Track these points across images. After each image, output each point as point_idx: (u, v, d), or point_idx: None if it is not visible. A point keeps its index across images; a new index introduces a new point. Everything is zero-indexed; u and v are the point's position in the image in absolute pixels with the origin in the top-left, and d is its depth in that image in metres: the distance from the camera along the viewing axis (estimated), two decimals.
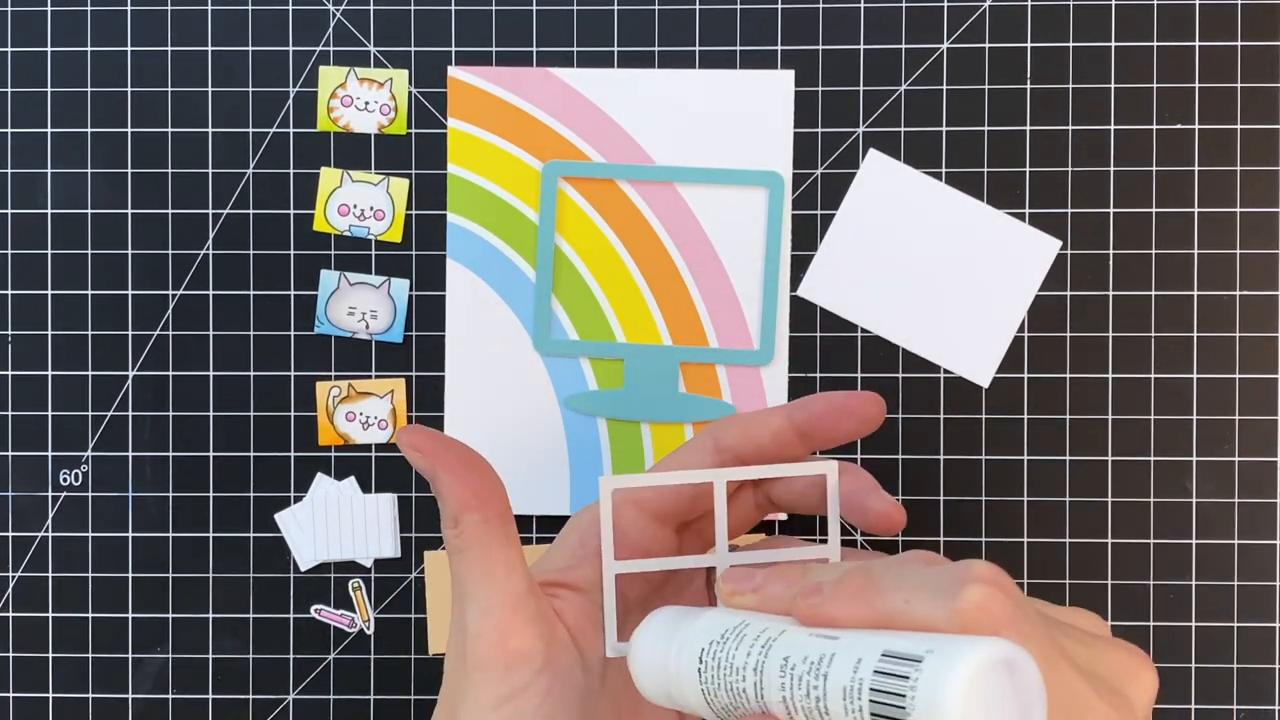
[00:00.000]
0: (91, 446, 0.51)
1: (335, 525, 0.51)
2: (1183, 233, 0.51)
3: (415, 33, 0.51)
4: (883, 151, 0.51)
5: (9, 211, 0.52)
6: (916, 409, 0.51)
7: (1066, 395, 0.51)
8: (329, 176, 0.51)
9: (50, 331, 0.52)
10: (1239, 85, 0.51)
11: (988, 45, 0.51)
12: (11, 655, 0.51)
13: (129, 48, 0.52)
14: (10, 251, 0.52)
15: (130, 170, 0.51)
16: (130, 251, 0.51)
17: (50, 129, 0.52)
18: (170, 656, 0.51)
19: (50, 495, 0.52)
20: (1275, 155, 0.51)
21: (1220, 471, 0.51)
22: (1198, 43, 0.51)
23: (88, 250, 0.52)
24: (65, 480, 0.52)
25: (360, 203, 0.51)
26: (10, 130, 0.52)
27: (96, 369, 0.51)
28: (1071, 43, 0.51)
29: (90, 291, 0.52)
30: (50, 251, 0.52)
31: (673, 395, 0.51)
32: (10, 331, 0.52)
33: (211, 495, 0.51)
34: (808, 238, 0.51)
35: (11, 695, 0.51)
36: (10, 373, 0.52)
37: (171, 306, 0.51)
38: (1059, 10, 0.51)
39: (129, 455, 0.51)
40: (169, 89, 0.51)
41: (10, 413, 0.52)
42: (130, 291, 0.51)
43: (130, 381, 0.51)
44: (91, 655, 0.51)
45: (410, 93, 0.51)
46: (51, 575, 0.51)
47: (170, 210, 0.51)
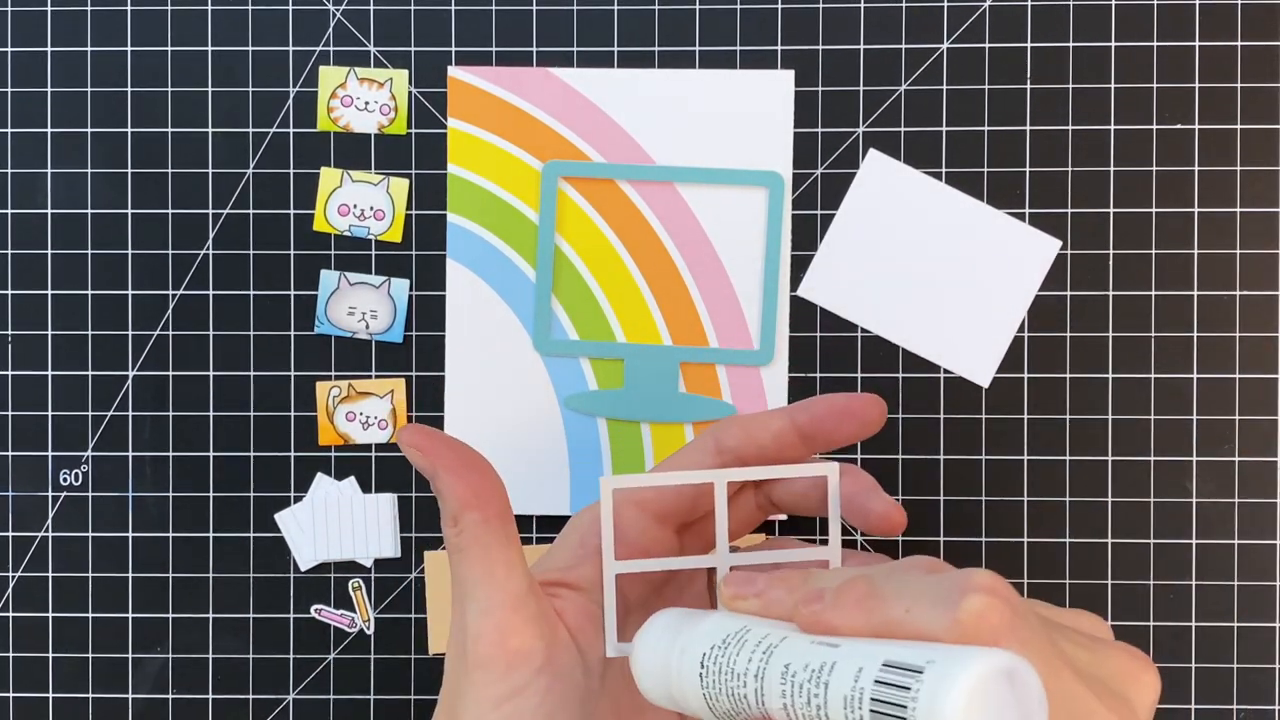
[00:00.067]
0: (91, 446, 0.51)
1: (335, 525, 0.51)
2: (1183, 233, 0.51)
3: (415, 33, 0.51)
4: (883, 151, 0.51)
5: (9, 211, 0.52)
6: (916, 409, 0.51)
7: (1066, 395, 0.51)
8: (329, 176, 0.51)
9: (50, 331, 0.52)
10: (1239, 85, 0.51)
11: (988, 45, 0.51)
12: (11, 655, 0.51)
13: (129, 48, 0.52)
14: (10, 251, 0.52)
15: (130, 170, 0.51)
16: (130, 251, 0.51)
17: (50, 129, 0.52)
18: (170, 656, 0.51)
19: (50, 495, 0.52)
20: (1275, 155, 0.51)
21: (1220, 471, 0.51)
22: (1198, 43, 0.51)
23: (88, 250, 0.52)
24: (65, 480, 0.52)
25: (360, 203, 0.51)
26: (10, 130, 0.52)
27: (96, 369, 0.51)
28: (1071, 43, 0.51)
29: (90, 291, 0.52)
30: (50, 251, 0.52)
31: (673, 395, 0.51)
32: (10, 331, 0.52)
33: (211, 495, 0.51)
34: (808, 238, 0.51)
35: (11, 695, 0.51)
36: (10, 373, 0.52)
37: (171, 306, 0.51)
38: (1059, 10, 0.51)
39: (129, 455, 0.51)
40: (169, 89, 0.51)
41: (10, 413, 0.52)
42: (130, 291, 0.51)
43: (130, 381, 0.51)
44: (91, 655, 0.51)
45: (410, 93, 0.51)
46: (51, 575, 0.51)
47: (170, 210, 0.51)
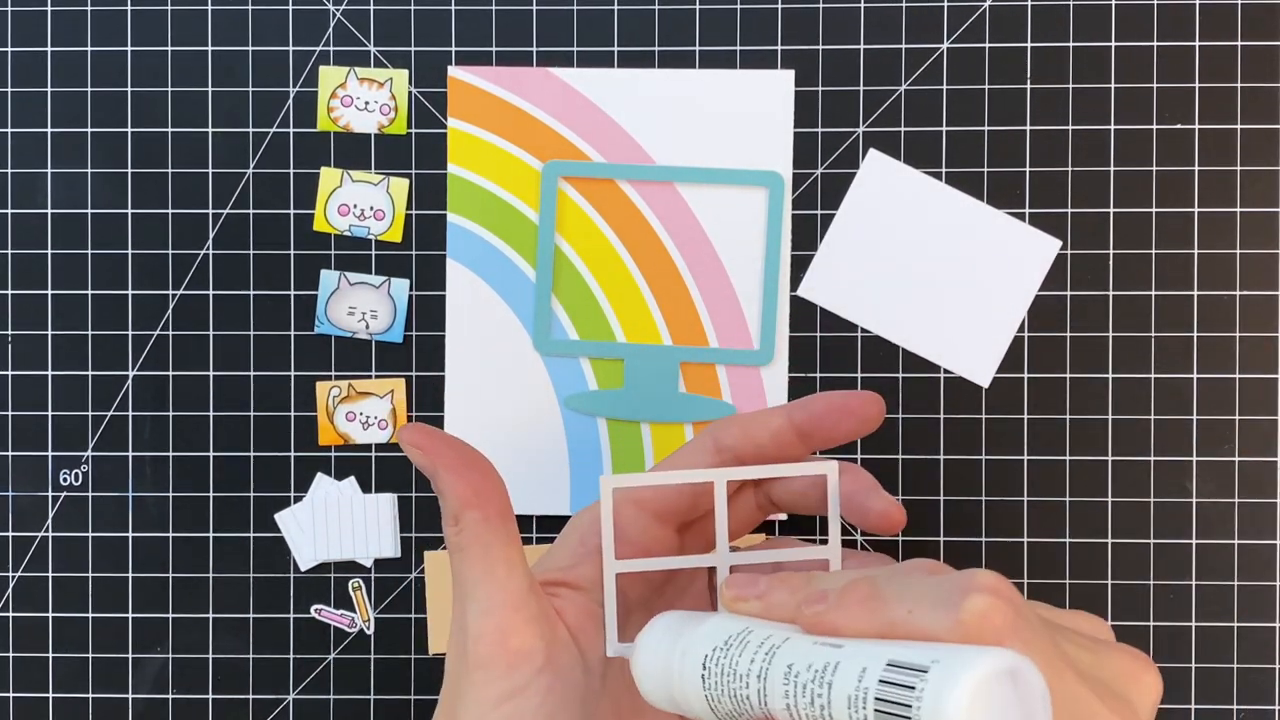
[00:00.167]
0: (91, 446, 0.51)
1: (335, 525, 0.51)
2: (1183, 233, 0.51)
3: (415, 33, 0.51)
4: (883, 151, 0.51)
5: (9, 211, 0.52)
6: (916, 409, 0.51)
7: (1066, 395, 0.51)
8: (329, 176, 0.51)
9: (50, 331, 0.52)
10: (1239, 85, 0.51)
11: (988, 45, 0.51)
12: (11, 655, 0.51)
13: (129, 48, 0.52)
14: (10, 251, 0.52)
15: (130, 170, 0.51)
16: (130, 251, 0.51)
17: (50, 129, 0.52)
18: (170, 656, 0.51)
19: (50, 495, 0.52)
20: (1275, 155, 0.51)
21: (1220, 471, 0.51)
22: (1198, 43, 0.51)
23: (88, 250, 0.52)
24: (65, 480, 0.52)
25: (360, 203, 0.51)
26: (10, 130, 0.52)
27: (96, 369, 0.51)
28: (1071, 43, 0.51)
29: (90, 291, 0.52)
30: (50, 251, 0.52)
31: (673, 395, 0.51)
32: (10, 331, 0.52)
33: (211, 495, 0.51)
34: (808, 238, 0.51)
35: (11, 695, 0.51)
36: (10, 373, 0.52)
37: (171, 306, 0.51)
38: (1059, 10, 0.51)
39: (129, 455, 0.51)
40: (169, 89, 0.51)
41: (10, 413, 0.52)
42: (130, 291, 0.51)
43: (130, 381, 0.51)
44: (91, 655, 0.51)
45: (410, 93, 0.51)
46: (51, 575, 0.51)
47: (170, 210, 0.51)
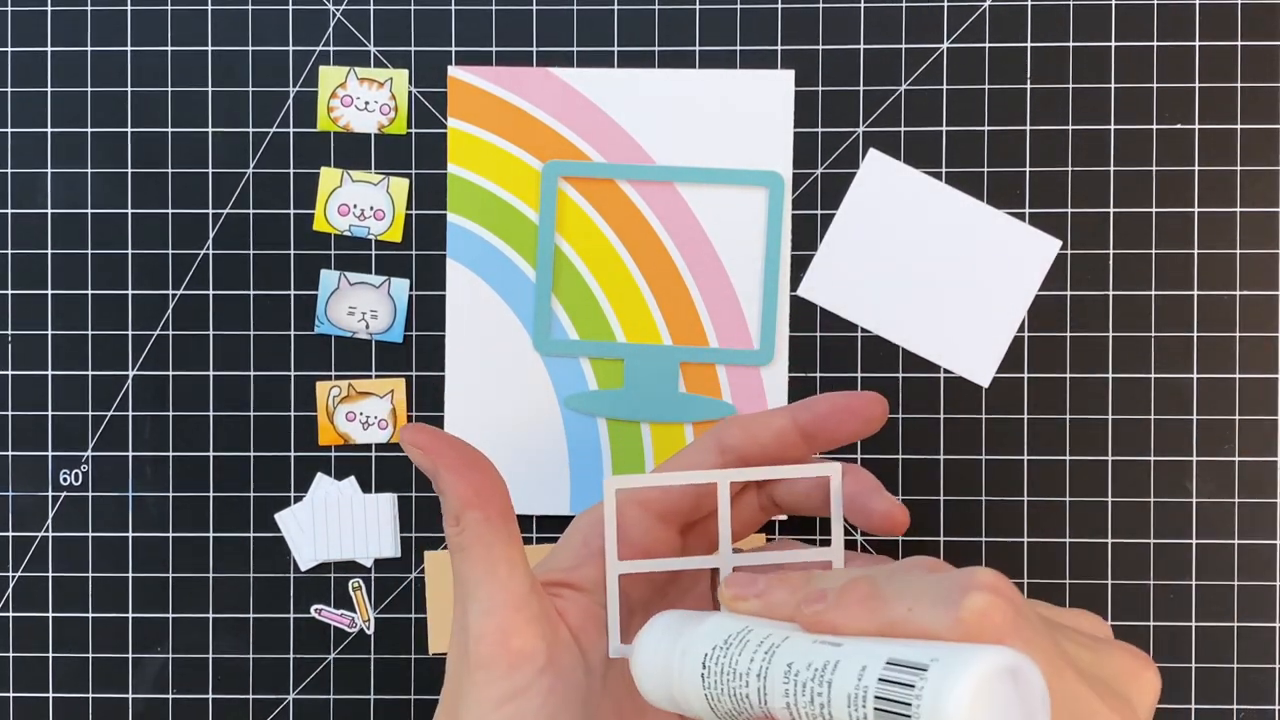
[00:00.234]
0: (91, 446, 0.51)
1: (335, 525, 0.51)
2: (1183, 233, 0.51)
3: (415, 33, 0.51)
4: (883, 151, 0.51)
5: (9, 211, 0.52)
6: (916, 409, 0.51)
7: (1066, 395, 0.51)
8: (329, 176, 0.51)
9: (50, 331, 0.52)
10: (1239, 85, 0.51)
11: (988, 45, 0.51)
12: (11, 655, 0.51)
13: (129, 48, 0.51)
14: (10, 251, 0.52)
15: (130, 170, 0.51)
16: (130, 251, 0.51)
17: (50, 129, 0.52)
18: (170, 656, 0.51)
19: (50, 495, 0.52)
20: (1275, 155, 0.51)
21: (1220, 471, 0.51)
22: (1198, 43, 0.51)
23: (88, 250, 0.52)
24: (65, 480, 0.52)
25: (360, 202, 0.51)
26: (10, 130, 0.52)
27: (96, 369, 0.51)
28: (1071, 43, 0.51)
29: (90, 291, 0.51)
30: (50, 251, 0.52)
31: (673, 395, 0.51)
32: (10, 331, 0.52)
33: (211, 495, 0.51)
34: (808, 238, 0.51)
35: (11, 695, 0.51)
36: (10, 373, 0.52)
37: (171, 306, 0.51)
38: (1059, 10, 0.51)
39: (129, 455, 0.51)
40: (169, 89, 0.51)
41: (10, 413, 0.52)
42: (130, 291, 0.51)
43: (130, 381, 0.51)
44: (91, 655, 0.51)
45: (410, 93, 0.51)
46: (51, 575, 0.51)
47: (170, 210, 0.51)
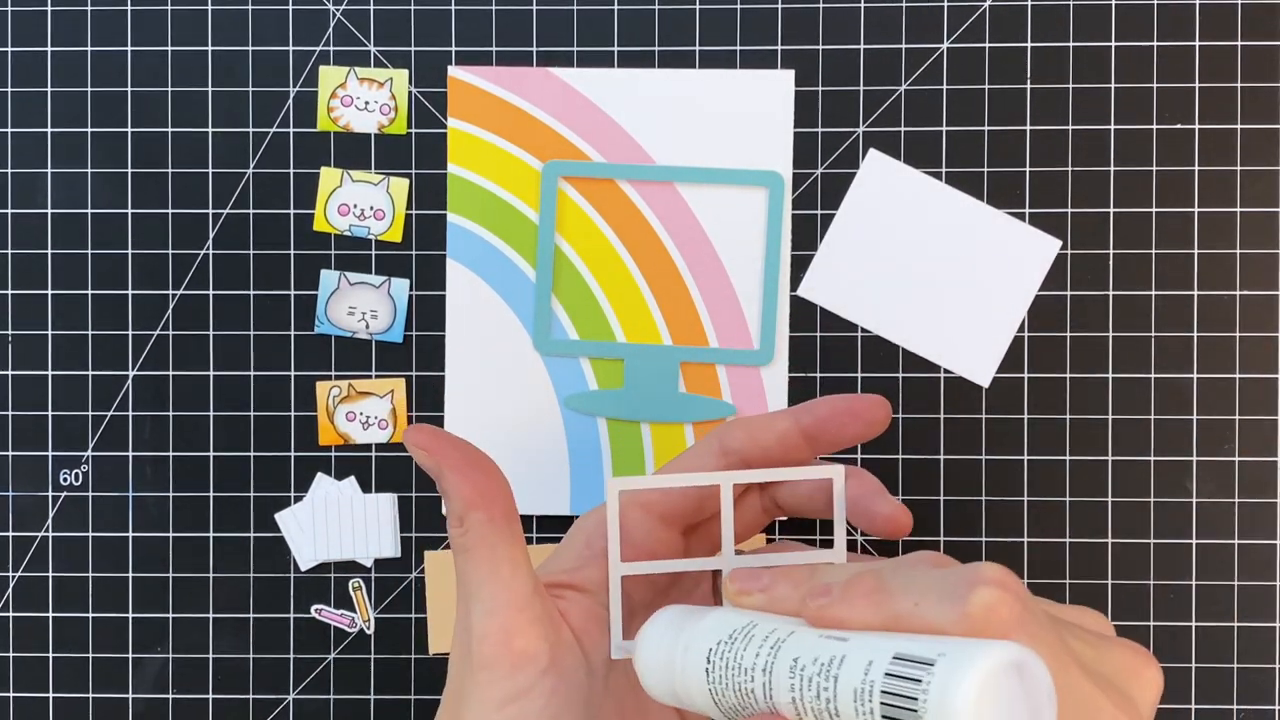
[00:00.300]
0: (91, 446, 0.51)
1: (335, 525, 0.51)
2: (1183, 233, 0.51)
3: (415, 33, 0.51)
4: (883, 151, 0.51)
5: (9, 211, 0.52)
6: (916, 409, 0.51)
7: (1066, 395, 0.51)
8: (329, 176, 0.51)
9: (50, 331, 0.52)
10: (1239, 85, 0.51)
11: (988, 45, 0.51)
12: (11, 655, 0.51)
13: (129, 48, 0.51)
14: (10, 251, 0.52)
15: (130, 170, 0.51)
16: (130, 251, 0.51)
17: (50, 129, 0.52)
18: (170, 656, 0.51)
19: (50, 495, 0.52)
20: (1275, 155, 0.51)
21: (1220, 471, 0.51)
22: (1198, 43, 0.51)
23: (88, 250, 0.52)
24: (65, 480, 0.52)
25: (360, 202, 0.51)
26: (10, 130, 0.52)
27: (96, 369, 0.51)
28: (1071, 43, 0.51)
29: (90, 291, 0.52)
30: (50, 251, 0.52)
31: (673, 395, 0.51)
32: (10, 331, 0.52)
33: (211, 495, 0.51)
34: (808, 238, 0.51)
35: (11, 695, 0.51)
36: (10, 373, 0.52)
37: (171, 306, 0.51)
38: (1059, 10, 0.51)
39: (129, 455, 0.51)
40: (169, 89, 0.51)
41: (10, 413, 0.52)
42: (130, 291, 0.51)
43: (130, 381, 0.51)
44: (91, 655, 0.51)
45: (410, 93, 0.51)
46: (51, 575, 0.51)
47: (170, 210, 0.51)
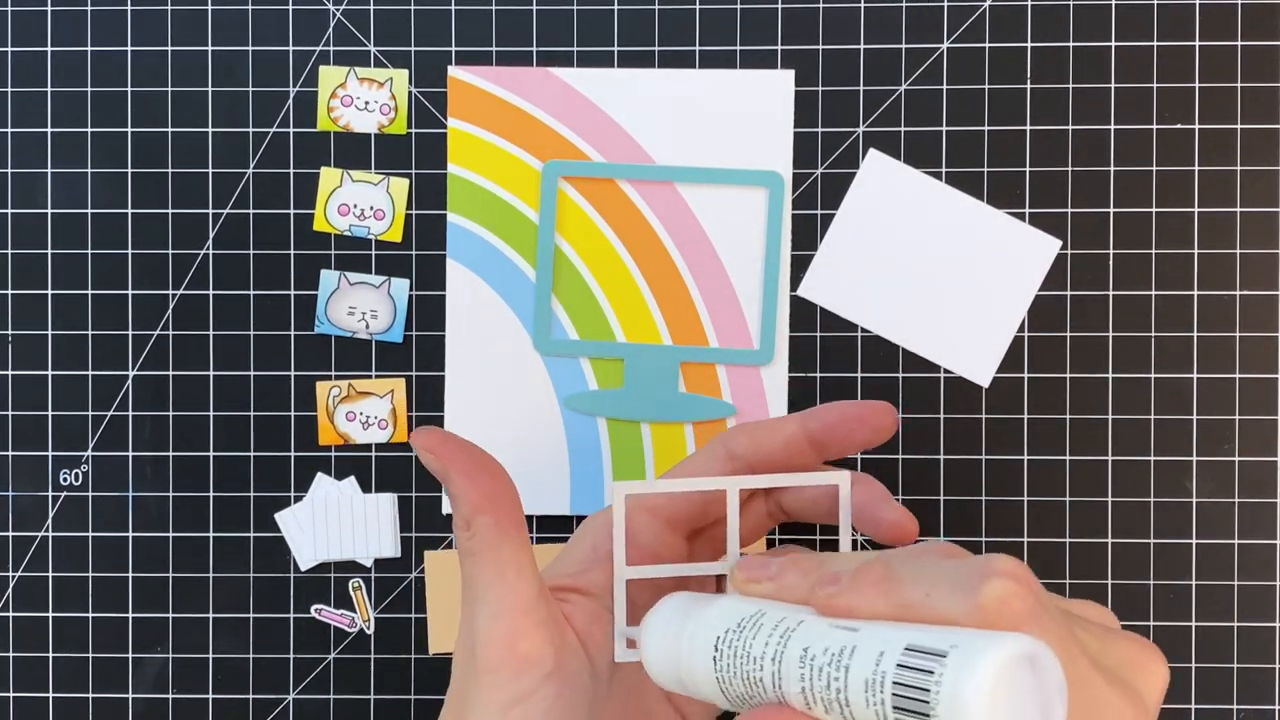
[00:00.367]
0: (91, 446, 0.51)
1: (335, 525, 0.51)
2: (1183, 233, 0.51)
3: (415, 33, 0.51)
4: (883, 151, 0.51)
5: (9, 211, 0.52)
6: (916, 409, 0.51)
7: (1066, 395, 0.51)
8: (329, 176, 0.51)
9: (50, 331, 0.52)
10: (1239, 85, 0.51)
11: (988, 45, 0.51)
12: (11, 655, 0.51)
13: (129, 48, 0.51)
14: (10, 251, 0.52)
15: (130, 170, 0.51)
16: (130, 251, 0.51)
17: (50, 129, 0.52)
18: (170, 656, 0.51)
19: (50, 495, 0.52)
20: (1275, 155, 0.51)
21: (1220, 471, 0.51)
22: (1198, 43, 0.51)
23: (88, 250, 0.52)
24: (65, 480, 0.52)
25: (360, 202, 0.51)
26: (10, 130, 0.52)
27: (96, 369, 0.51)
28: (1071, 43, 0.51)
29: (90, 291, 0.52)
30: (50, 251, 0.52)
31: (673, 395, 0.51)
32: (10, 331, 0.52)
33: (211, 495, 0.51)
34: (808, 238, 0.51)
35: (11, 695, 0.51)
36: (10, 373, 0.52)
37: (171, 306, 0.51)
38: (1059, 10, 0.51)
39: (129, 455, 0.51)
40: (169, 89, 0.51)
41: (10, 413, 0.52)
42: (130, 291, 0.51)
43: (130, 381, 0.51)
44: (91, 655, 0.51)
45: (410, 92, 0.51)
46: (51, 575, 0.51)
47: (170, 210, 0.51)
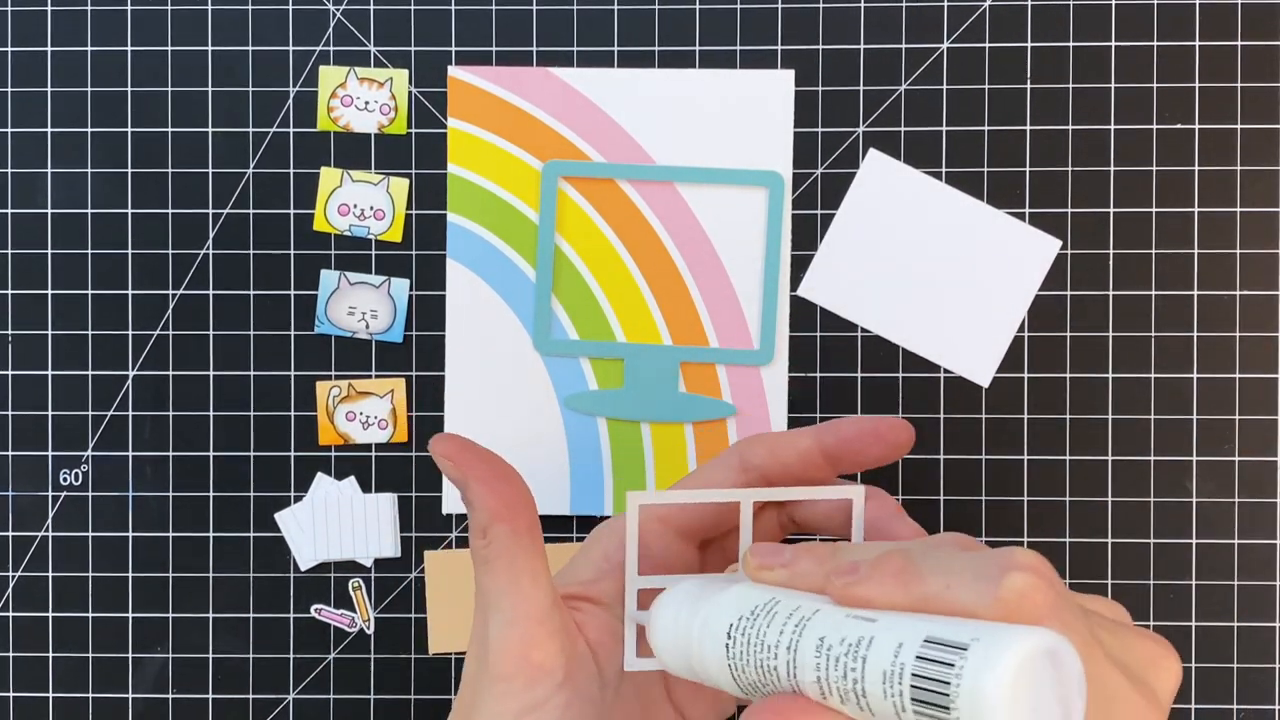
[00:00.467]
0: (91, 446, 0.51)
1: (335, 525, 0.51)
2: (1183, 233, 0.51)
3: (415, 32, 0.51)
4: (883, 151, 0.51)
5: (9, 211, 0.52)
6: (916, 409, 0.51)
7: (1066, 395, 0.51)
8: (329, 176, 0.51)
9: (50, 331, 0.52)
10: (1239, 85, 0.51)
11: (988, 45, 0.51)
12: (11, 655, 0.51)
13: (129, 48, 0.51)
14: (10, 251, 0.52)
15: (130, 170, 0.51)
16: (130, 251, 0.51)
17: (50, 129, 0.52)
18: (170, 656, 0.51)
19: (50, 495, 0.52)
20: (1275, 155, 0.51)
21: (1220, 471, 0.51)
22: (1198, 43, 0.50)
23: (88, 250, 0.52)
24: (65, 480, 0.52)
25: (360, 202, 0.51)
26: (10, 130, 0.52)
27: (96, 369, 0.51)
28: (1071, 43, 0.51)
29: (90, 291, 0.52)
30: (50, 251, 0.52)
31: (673, 395, 0.51)
32: (10, 331, 0.52)
33: (211, 495, 0.51)
34: (808, 238, 0.51)
35: (11, 695, 0.51)
36: (10, 373, 0.52)
37: (171, 306, 0.51)
38: (1059, 10, 0.51)
39: (129, 455, 0.51)
40: (169, 89, 0.51)
41: (10, 413, 0.52)
42: (130, 291, 0.51)
43: (130, 381, 0.51)
44: (91, 655, 0.51)
45: (410, 92, 0.51)
46: (51, 575, 0.51)
47: (170, 210, 0.51)
